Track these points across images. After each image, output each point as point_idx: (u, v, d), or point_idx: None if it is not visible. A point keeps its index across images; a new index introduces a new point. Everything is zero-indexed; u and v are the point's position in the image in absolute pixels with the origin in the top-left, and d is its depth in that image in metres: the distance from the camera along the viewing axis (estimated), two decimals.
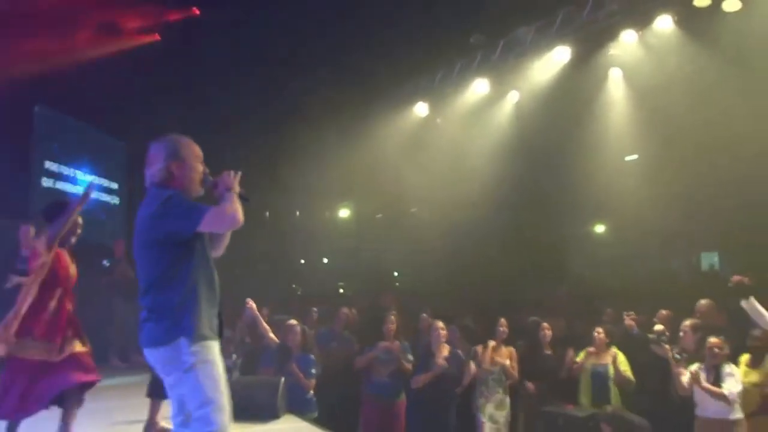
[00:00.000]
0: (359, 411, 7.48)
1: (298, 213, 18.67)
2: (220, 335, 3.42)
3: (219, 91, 13.11)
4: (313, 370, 7.03)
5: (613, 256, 16.80)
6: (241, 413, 7.17)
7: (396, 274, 21.31)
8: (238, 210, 3.29)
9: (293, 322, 7.39)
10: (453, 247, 16.00)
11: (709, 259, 16.24)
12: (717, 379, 5.95)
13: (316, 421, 6.74)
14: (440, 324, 7.09)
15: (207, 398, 3.21)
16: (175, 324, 3.23)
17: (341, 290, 18.98)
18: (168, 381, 3.34)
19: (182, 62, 12.45)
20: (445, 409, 6.97)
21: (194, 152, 3.52)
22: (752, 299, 6.12)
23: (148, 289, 3.34)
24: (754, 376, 6.22)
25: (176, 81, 12.50)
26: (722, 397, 5.81)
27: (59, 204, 5.31)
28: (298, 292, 16.94)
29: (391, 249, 19.53)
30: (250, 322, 8.55)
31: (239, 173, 3.47)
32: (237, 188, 3.42)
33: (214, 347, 3.34)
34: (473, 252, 15.58)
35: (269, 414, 7.08)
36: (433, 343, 6.93)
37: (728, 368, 5.96)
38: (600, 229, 18.16)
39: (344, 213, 20.21)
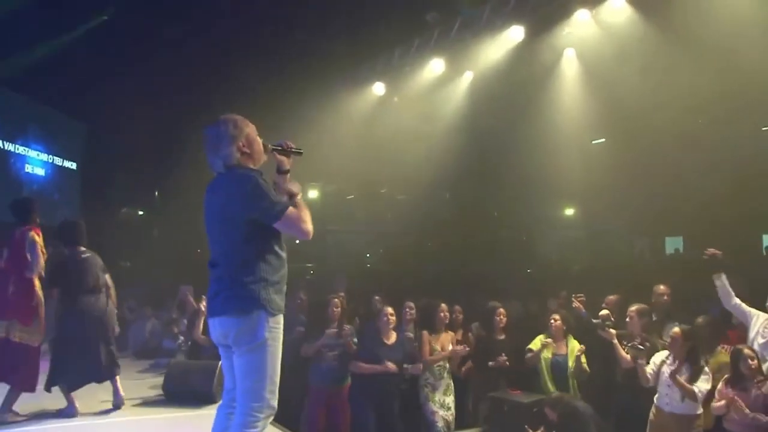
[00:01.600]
0: (303, 401, 7.34)
1: None
2: None
3: (177, 73, 12.90)
4: None
5: (579, 239, 16.80)
6: (177, 398, 7.10)
7: (368, 255, 21.26)
8: (309, 227, 3.54)
9: None
10: (421, 228, 15.96)
11: (674, 244, 16.25)
12: (689, 373, 5.71)
13: None
14: (389, 309, 6.90)
15: (266, 376, 3.46)
16: (256, 296, 3.44)
17: (312, 272, 18.85)
18: (235, 352, 3.51)
19: (140, 43, 12.23)
20: (390, 397, 6.78)
21: (251, 127, 3.71)
22: (723, 276, 6.01)
23: (228, 263, 3.53)
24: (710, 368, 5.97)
25: (135, 63, 12.30)
26: (691, 395, 5.57)
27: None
28: None
29: (361, 230, 19.47)
30: (181, 304, 8.45)
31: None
32: (297, 191, 3.71)
33: (282, 321, 3.57)
34: (440, 233, 15.55)
35: (205, 399, 6.96)
36: (382, 329, 6.76)
37: (704, 366, 5.67)
38: (568, 211, 18.15)
39: (312, 194, 20.03)
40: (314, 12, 12.09)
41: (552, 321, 7.26)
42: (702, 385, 5.56)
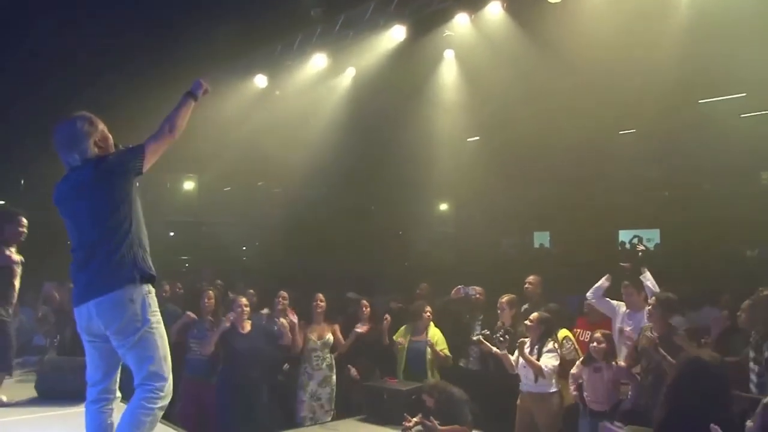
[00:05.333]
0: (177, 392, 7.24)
1: (137, 183, 17.83)
2: None
3: (46, 57, 12.26)
4: None
5: (453, 234, 17.40)
6: (51, 396, 6.79)
7: (244, 248, 21.02)
8: (179, 122, 3.70)
9: None
10: (297, 222, 15.96)
11: (542, 238, 17.18)
12: (539, 354, 6.22)
13: None
14: (244, 300, 6.94)
15: (160, 357, 3.58)
16: (131, 276, 3.53)
17: (187, 265, 18.41)
18: (121, 343, 3.55)
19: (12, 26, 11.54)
20: (253, 383, 6.78)
21: (101, 122, 3.82)
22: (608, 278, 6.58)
23: (96, 244, 3.55)
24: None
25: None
26: (538, 370, 6.09)
27: None
28: None
29: (237, 222, 19.21)
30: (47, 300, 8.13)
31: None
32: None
33: (155, 300, 3.68)
34: (318, 227, 15.63)
35: (81, 396, 6.70)
36: (235, 318, 6.76)
37: (549, 344, 6.24)
38: (443, 207, 18.75)
39: (189, 185, 19.53)
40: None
41: (425, 314, 7.56)
42: (548, 362, 6.12)
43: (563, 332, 6.83)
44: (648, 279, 6.32)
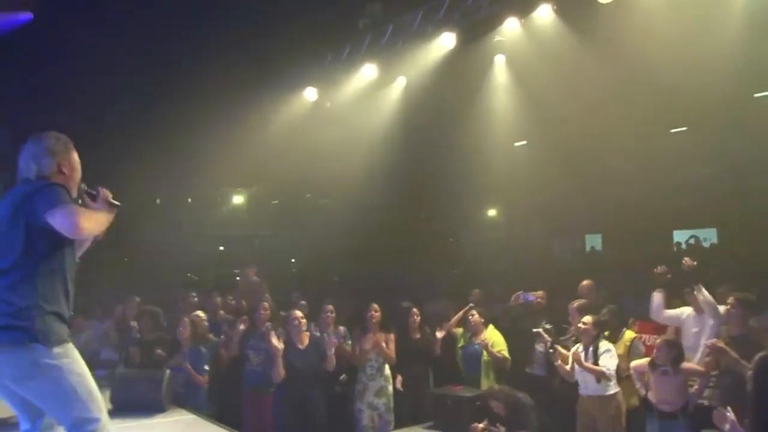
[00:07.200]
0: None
1: (189, 200, 18.15)
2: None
3: (107, 76, 12.55)
4: (206, 366, 6.87)
5: (503, 239, 17.34)
6: (123, 409, 6.96)
7: (293, 260, 21.23)
8: (84, 223, 3.11)
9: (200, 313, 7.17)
10: (348, 232, 16.08)
11: (593, 241, 16.99)
12: (595, 356, 6.15)
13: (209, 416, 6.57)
14: (298, 313, 6.90)
15: (78, 399, 3.13)
16: (29, 327, 3.06)
17: (237, 278, 18.63)
18: (27, 391, 3.15)
19: (63, 43, 11.82)
20: (310, 398, 6.75)
21: (77, 158, 3.46)
22: (662, 292, 6.53)
23: (3, 283, 3.13)
24: (619, 349, 6.49)
25: (58, 66, 11.89)
26: (601, 374, 6.03)
27: None
28: (195, 278, 16.57)
29: (287, 235, 19.42)
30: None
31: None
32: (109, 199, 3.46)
33: (71, 346, 3.22)
34: (368, 237, 15.70)
35: (154, 409, 6.87)
36: (292, 333, 6.77)
37: (603, 345, 6.18)
38: (492, 212, 18.70)
39: (238, 200, 19.86)
40: (245, 14, 12.04)
41: (470, 318, 7.48)
42: (608, 363, 6.06)
43: (629, 334, 6.79)
44: (703, 293, 6.21)
